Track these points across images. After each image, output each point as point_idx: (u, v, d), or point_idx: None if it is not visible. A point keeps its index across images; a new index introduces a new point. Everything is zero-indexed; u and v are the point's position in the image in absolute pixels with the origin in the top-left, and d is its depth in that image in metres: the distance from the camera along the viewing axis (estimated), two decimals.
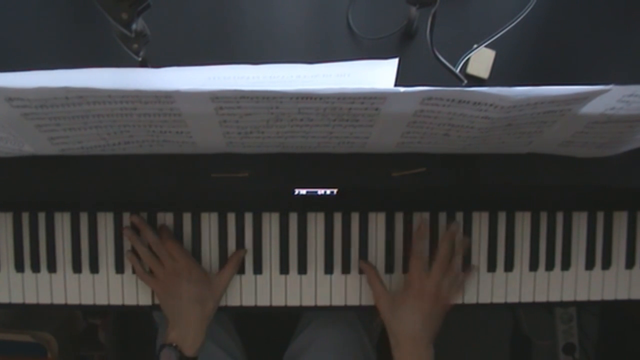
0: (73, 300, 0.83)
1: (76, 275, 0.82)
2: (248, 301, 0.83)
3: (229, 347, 0.92)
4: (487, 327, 1.49)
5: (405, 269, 0.83)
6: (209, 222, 0.82)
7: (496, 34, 0.68)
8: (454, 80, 0.69)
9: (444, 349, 1.47)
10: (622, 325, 1.35)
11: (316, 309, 0.84)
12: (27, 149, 0.65)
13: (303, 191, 0.75)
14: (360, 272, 0.83)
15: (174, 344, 0.73)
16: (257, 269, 0.83)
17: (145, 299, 0.83)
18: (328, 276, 0.83)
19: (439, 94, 0.55)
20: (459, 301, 0.84)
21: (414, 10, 0.69)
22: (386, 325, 0.77)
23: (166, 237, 0.79)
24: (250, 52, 0.72)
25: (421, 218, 0.82)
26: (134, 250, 0.80)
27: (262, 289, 0.83)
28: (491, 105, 0.56)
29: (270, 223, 0.82)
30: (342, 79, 0.64)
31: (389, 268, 0.83)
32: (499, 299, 0.85)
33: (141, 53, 0.62)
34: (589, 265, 0.85)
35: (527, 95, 0.54)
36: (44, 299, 0.82)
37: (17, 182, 0.70)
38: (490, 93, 0.54)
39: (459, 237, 0.80)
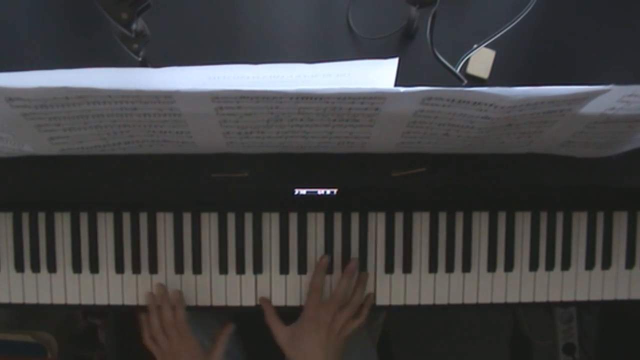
0: (73, 300, 0.83)
1: (76, 275, 0.82)
2: (248, 301, 0.83)
3: (229, 347, 0.92)
4: (487, 327, 1.49)
5: (406, 270, 0.83)
6: (209, 222, 0.82)
7: (496, 34, 0.68)
8: (454, 80, 0.69)
9: (445, 349, 1.48)
10: (622, 325, 1.34)
11: None
12: (27, 149, 0.65)
13: (303, 191, 0.75)
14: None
15: None
16: (257, 269, 0.83)
17: (145, 299, 0.83)
18: (328, 276, 0.83)
19: (439, 94, 0.55)
20: (459, 301, 0.84)
21: (414, 10, 0.69)
22: None
23: (180, 316, 0.79)
24: (250, 52, 0.72)
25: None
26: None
27: (262, 289, 0.83)
28: (491, 105, 0.56)
29: (270, 223, 0.82)
30: (342, 79, 0.64)
31: (389, 268, 0.83)
32: (499, 299, 0.85)
33: (141, 53, 0.63)
34: (589, 265, 0.85)
35: (527, 95, 0.54)
36: (44, 299, 0.82)
37: (17, 182, 0.70)
38: (490, 93, 0.54)
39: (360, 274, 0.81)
